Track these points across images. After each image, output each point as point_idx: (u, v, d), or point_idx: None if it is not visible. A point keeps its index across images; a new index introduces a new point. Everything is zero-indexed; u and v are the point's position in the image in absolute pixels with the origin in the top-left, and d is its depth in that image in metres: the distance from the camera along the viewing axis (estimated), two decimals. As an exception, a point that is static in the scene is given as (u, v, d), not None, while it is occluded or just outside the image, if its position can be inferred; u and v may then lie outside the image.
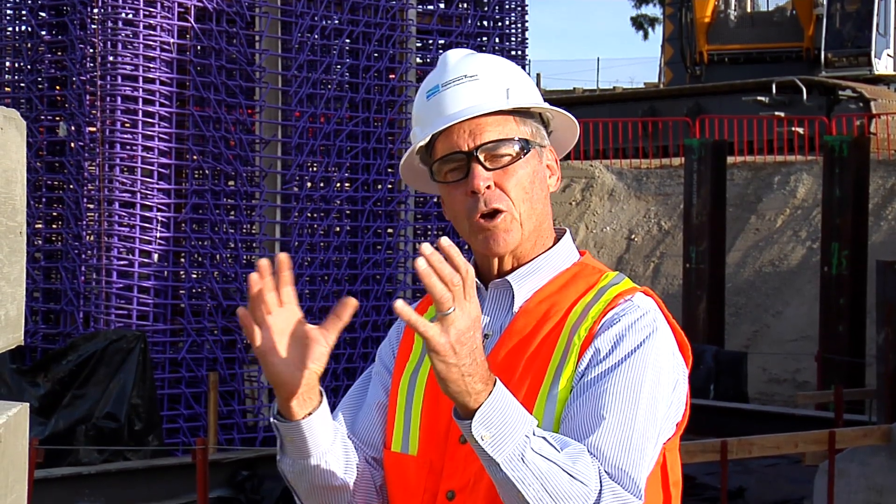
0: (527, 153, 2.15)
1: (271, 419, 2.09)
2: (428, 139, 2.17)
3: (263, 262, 2.00)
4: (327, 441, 2.08)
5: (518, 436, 1.87)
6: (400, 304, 1.84)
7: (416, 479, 2.13)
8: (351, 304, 1.99)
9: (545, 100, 2.25)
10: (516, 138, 2.15)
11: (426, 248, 1.83)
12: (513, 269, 2.17)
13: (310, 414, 2.05)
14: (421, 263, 1.82)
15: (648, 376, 2.02)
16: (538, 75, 38.23)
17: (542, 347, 2.09)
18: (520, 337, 2.11)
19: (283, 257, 1.99)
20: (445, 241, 1.85)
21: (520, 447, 1.87)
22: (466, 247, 2.30)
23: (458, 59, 2.21)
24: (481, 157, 2.12)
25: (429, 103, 2.19)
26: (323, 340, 2.01)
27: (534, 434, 1.89)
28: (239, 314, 2.01)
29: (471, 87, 2.16)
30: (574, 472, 1.90)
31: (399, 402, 2.21)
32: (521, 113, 2.18)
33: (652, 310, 2.10)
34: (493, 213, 2.13)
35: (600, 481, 1.93)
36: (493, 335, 2.15)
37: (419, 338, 2.18)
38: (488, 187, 2.11)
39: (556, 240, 2.22)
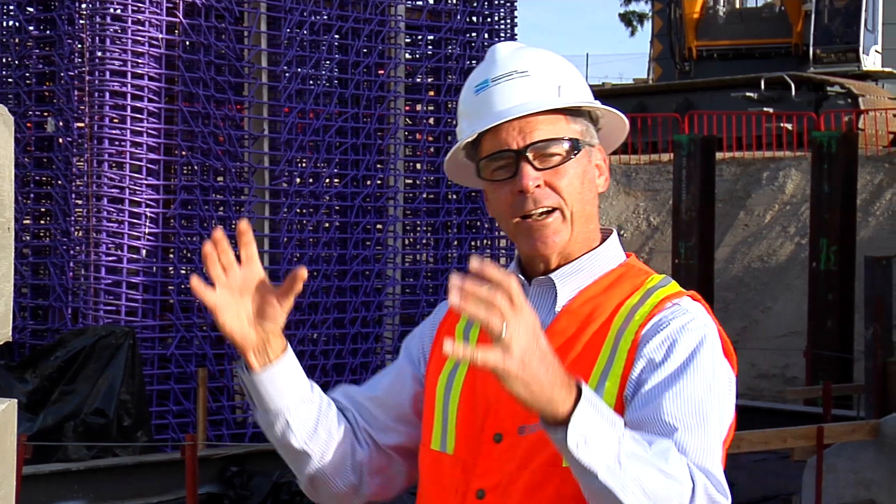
0: (577, 153, 2.09)
1: (239, 371, 2.10)
2: (475, 136, 2.11)
3: (218, 233, 2.06)
4: (288, 398, 2.07)
5: (611, 440, 1.78)
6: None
7: (450, 477, 2.10)
8: (301, 275, 2.02)
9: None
10: (567, 138, 2.09)
11: (455, 281, 1.71)
12: (557, 268, 2.12)
13: (266, 367, 2.06)
14: (454, 300, 1.70)
15: (716, 377, 1.99)
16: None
17: (587, 351, 2.03)
18: (563, 338, 2.05)
19: (243, 225, 2.05)
20: (475, 263, 1.73)
21: (615, 452, 1.78)
22: (504, 246, 2.29)
23: (507, 53, 2.15)
24: (531, 157, 2.06)
25: (477, 98, 2.12)
26: (275, 302, 2.04)
27: (624, 436, 1.80)
28: (192, 284, 2.04)
29: (521, 84, 2.10)
30: (668, 470, 1.82)
31: (437, 399, 2.16)
32: (572, 111, 2.12)
33: (700, 314, 2.04)
34: (544, 212, 2.07)
35: (692, 478, 1.86)
36: None
37: (459, 334, 2.18)
38: (538, 186, 2.06)
39: (603, 240, 2.17)
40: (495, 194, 2.10)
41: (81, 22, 10.26)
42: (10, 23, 10.99)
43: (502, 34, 12.33)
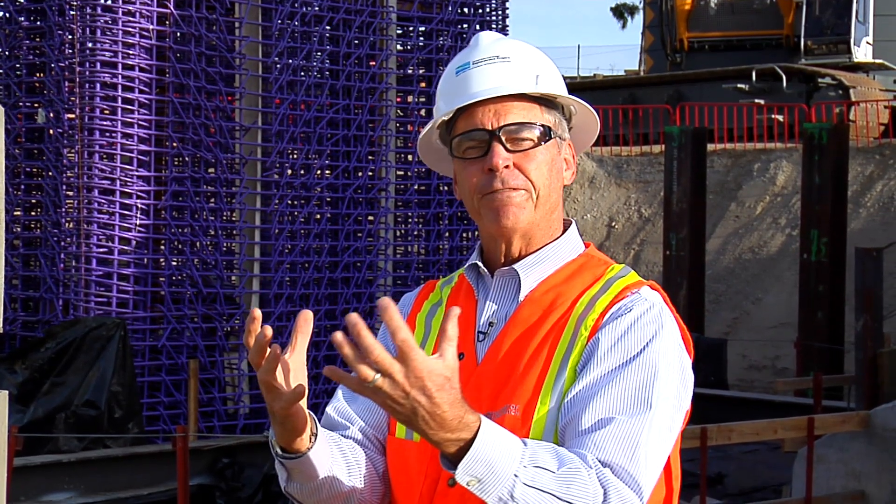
0: (548, 141, 2.15)
1: (276, 458, 2.06)
2: (452, 114, 2.17)
3: (256, 312, 1.94)
4: (330, 458, 2.07)
5: (506, 476, 1.83)
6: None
7: (417, 465, 2.11)
8: (308, 317, 1.95)
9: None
10: (539, 124, 2.15)
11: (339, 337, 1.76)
12: (520, 257, 2.16)
13: (313, 444, 2.03)
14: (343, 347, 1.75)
15: (660, 376, 2.01)
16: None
17: (548, 337, 2.08)
18: (525, 326, 2.10)
19: (305, 318, 1.94)
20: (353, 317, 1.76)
21: (508, 487, 1.83)
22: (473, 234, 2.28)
23: (491, 41, 2.21)
24: (503, 138, 2.12)
25: (457, 79, 2.18)
26: (300, 371, 1.99)
27: (524, 468, 1.84)
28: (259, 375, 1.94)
29: (501, 68, 2.16)
30: (569, 496, 1.86)
31: None
32: (547, 103, 2.18)
33: (657, 304, 2.09)
34: (510, 190, 2.12)
35: (604, 487, 1.89)
36: (497, 323, 2.14)
37: (420, 324, 2.21)
38: (507, 167, 2.11)
39: (563, 231, 2.23)
40: (465, 172, 2.15)
41: (72, 13, 10.22)
42: (0, 14, 10.96)
43: (493, 25, 12.32)
